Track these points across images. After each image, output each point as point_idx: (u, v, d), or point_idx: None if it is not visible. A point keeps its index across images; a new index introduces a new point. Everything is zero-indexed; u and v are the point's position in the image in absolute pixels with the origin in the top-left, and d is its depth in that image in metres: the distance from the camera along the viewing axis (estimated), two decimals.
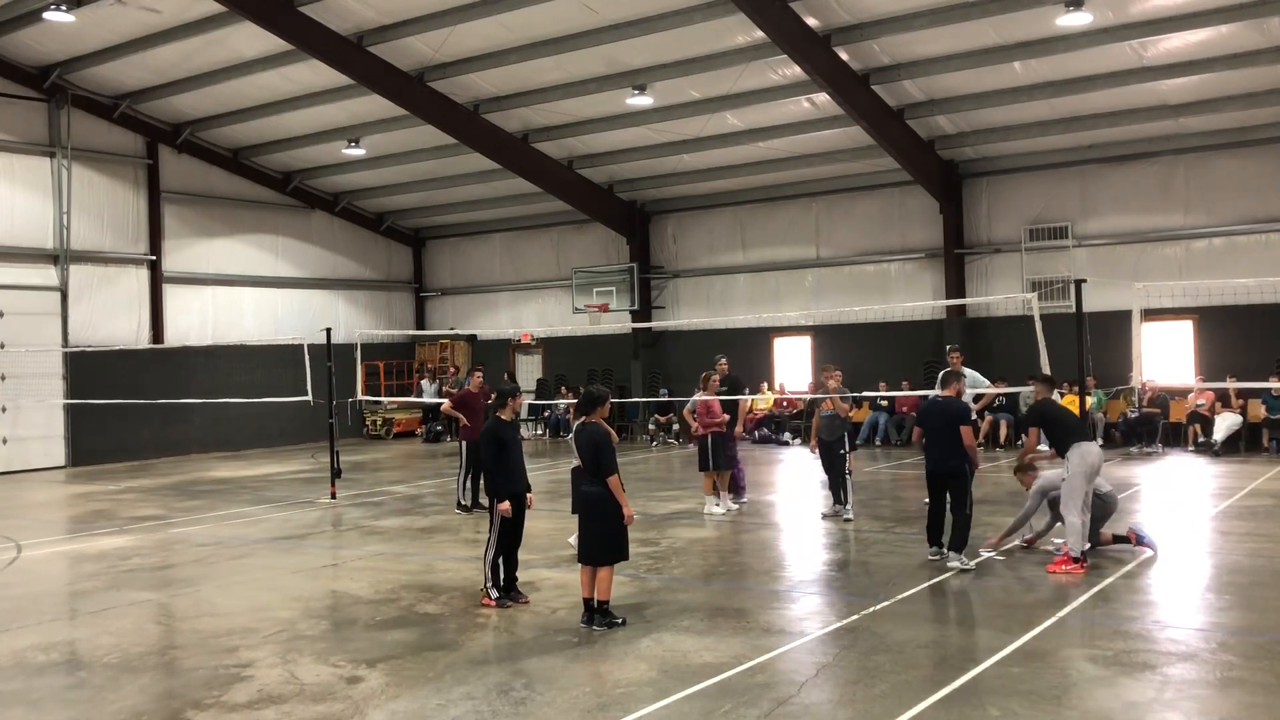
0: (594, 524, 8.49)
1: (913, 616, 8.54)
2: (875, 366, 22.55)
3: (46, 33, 20.90)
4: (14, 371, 22.60)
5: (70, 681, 7.49)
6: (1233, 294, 19.20)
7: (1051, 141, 21.51)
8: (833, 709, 6.42)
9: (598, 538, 8.45)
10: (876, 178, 23.55)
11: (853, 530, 12.70)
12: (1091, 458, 10.18)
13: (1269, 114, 19.37)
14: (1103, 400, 20.64)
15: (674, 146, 23.62)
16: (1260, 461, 18.37)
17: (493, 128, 23.29)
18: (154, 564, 11.75)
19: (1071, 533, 10.00)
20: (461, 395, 15.39)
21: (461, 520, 14.11)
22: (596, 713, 6.46)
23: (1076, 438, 10.26)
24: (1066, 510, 10.13)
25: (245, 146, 26.42)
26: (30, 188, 23.28)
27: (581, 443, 8.58)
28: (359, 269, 29.97)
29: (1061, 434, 10.34)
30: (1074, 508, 10.03)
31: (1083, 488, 10.06)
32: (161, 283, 25.30)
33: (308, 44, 19.75)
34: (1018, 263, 22.43)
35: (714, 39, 19.04)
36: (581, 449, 8.57)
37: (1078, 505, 10.02)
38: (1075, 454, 10.15)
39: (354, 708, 6.66)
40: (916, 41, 18.47)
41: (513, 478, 9.23)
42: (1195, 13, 16.74)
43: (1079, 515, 9.99)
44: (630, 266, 26.55)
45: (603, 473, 8.41)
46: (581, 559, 8.59)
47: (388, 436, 28.43)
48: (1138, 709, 6.35)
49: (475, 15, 18.88)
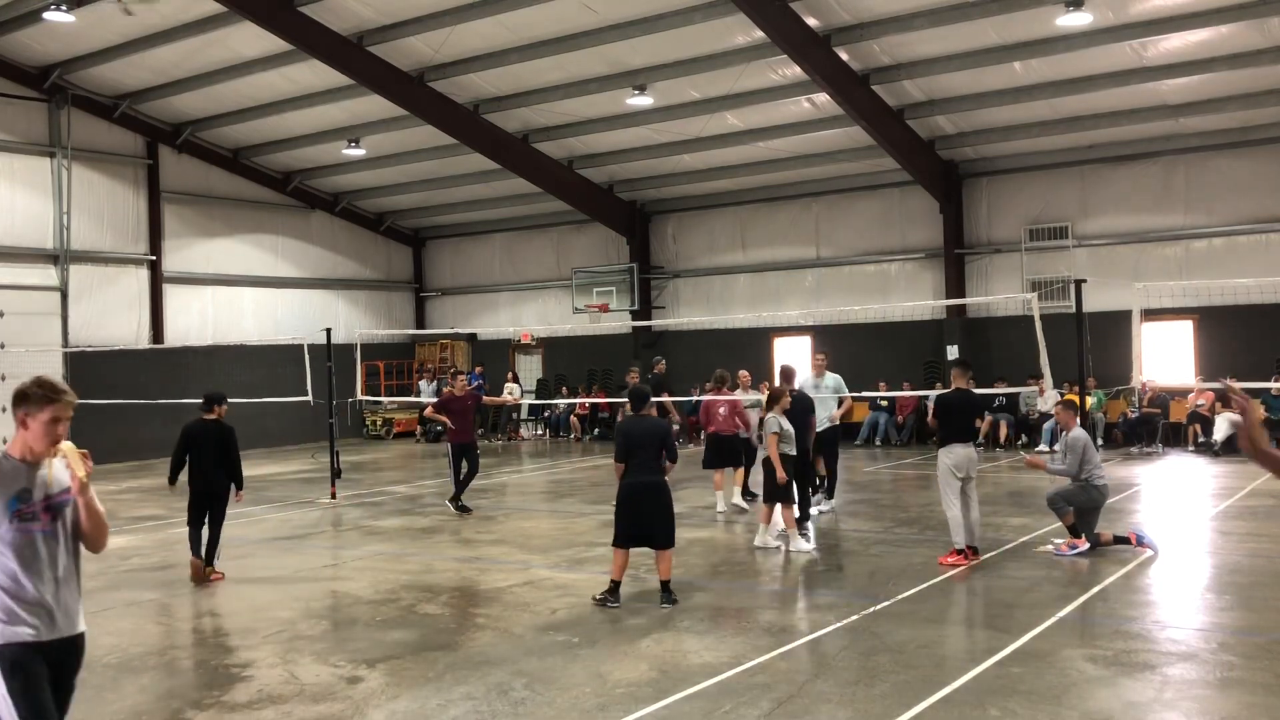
0: (660, 510, 9.08)
1: (913, 616, 8.54)
2: (875, 366, 22.54)
3: (46, 33, 20.90)
4: (14, 371, 22.52)
5: None
6: (1233, 294, 19.19)
7: (1051, 141, 21.51)
8: (833, 709, 6.42)
9: (663, 523, 9.10)
10: (876, 178, 23.55)
11: (853, 530, 12.70)
12: (953, 457, 10.71)
13: (1269, 114, 19.37)
14: (1103, 400, 20.64)
15: (674, 146, 23.62)
16: None
17: (493, 128, 23.29)
18: (154, 564, 11.75)
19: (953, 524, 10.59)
20: (445, 398, 15.36)
21: (460, 520, 14.11)
22: (596, 713, 6.46)
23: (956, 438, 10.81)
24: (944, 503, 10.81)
25: (245, 146, 26.42)
26: (30, 188, 23.28)
27: (638, 435, 9.15)
28: (359, 269, 29.97)
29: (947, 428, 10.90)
30: (944, 502, 10.76)
31: (951, 482, 10.66)
32: (161, 283, 25.30)
33: (308, 44, 19.75)
34: (1018, 263, 22.43)
35: (714, 39, 19.04)
36: (640, 441, 9.11)
37: (946, 499, 10.71)
38: (943, 451, 10.81)
39: (354, 708, 6.66)
40: (916, 41, 18.47)
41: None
42: (1195, 13, 16.74)
43: (949, 508, 10.65)
44: (630, 266, 26.55)
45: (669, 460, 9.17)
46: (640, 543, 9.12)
47: (388, 437, 28.43)
48: (1138, 709, 6.35)
49: (475, 15, 18.88)
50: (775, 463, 11.13)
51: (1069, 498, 10.79)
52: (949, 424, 10.93)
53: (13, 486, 4.27)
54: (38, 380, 4.36)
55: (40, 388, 4.32)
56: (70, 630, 4.40)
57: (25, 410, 4.32)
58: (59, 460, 4.39)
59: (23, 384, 4.37)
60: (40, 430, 4.29)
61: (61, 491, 4.37)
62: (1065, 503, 10.79)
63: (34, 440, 4.31)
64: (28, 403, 4.31)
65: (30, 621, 4.24)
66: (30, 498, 4.28)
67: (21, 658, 4.22)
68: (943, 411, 11.04)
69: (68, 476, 4.37)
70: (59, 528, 4.37)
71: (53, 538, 4.33)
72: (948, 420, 10.95)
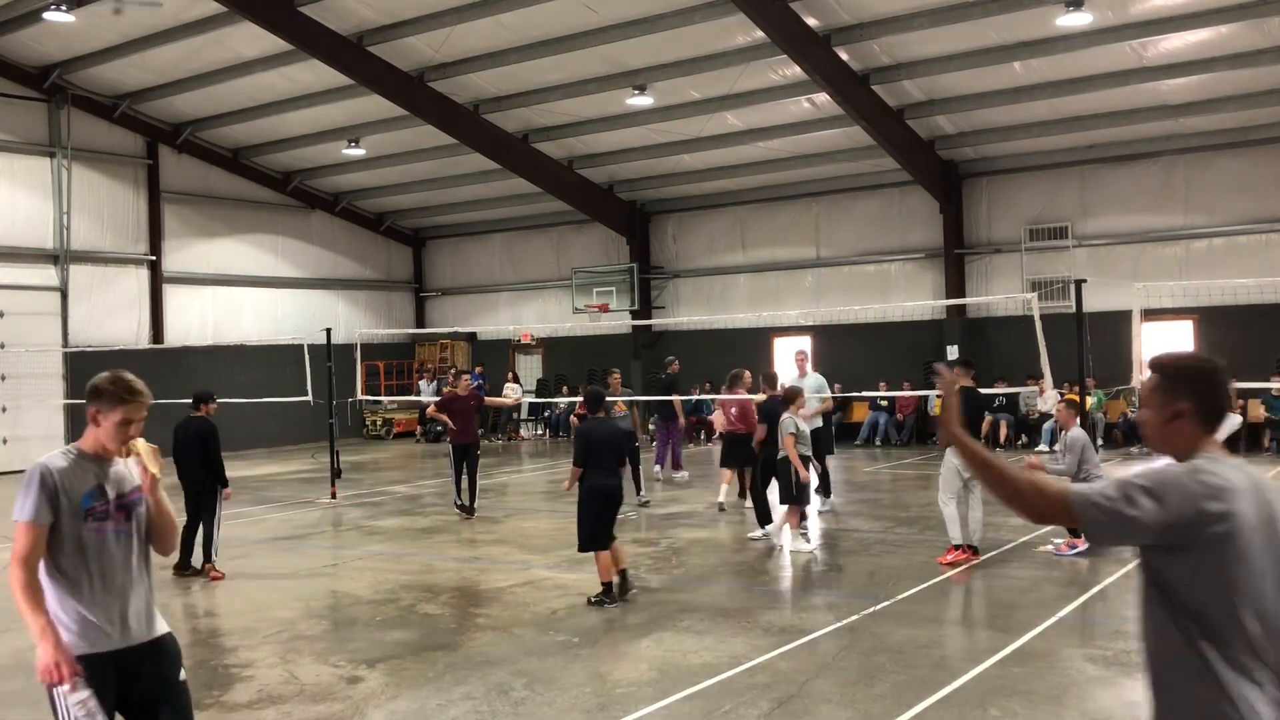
0: (617, 512, 9.27)
1: (913, 616, 8.53)
2: (875, 366, 22.56)
3: (46, 33, 20.90)
4: (14, 371, 22.60)
5: None
6: (1233, 294, 19.18)
7: (1051, 141, 21.51)
8: (833, 709, 6.42)
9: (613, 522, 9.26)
10: (876, 178, 23.55)
11: (853, 530, 12.70)
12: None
13: (1269, 114, 19.37)
14: (1103, 400, 20.64)
15: (674, 146, 23.62)
16: (1260, 461, 18.36)
17: (493, 128, 23.29)
18: (154, 564, 11.72)
19: (948, 521, 10.68)
20: (447, 398, 15.34)
21: (461, 520, 14.10)
22: (596, 713, 6.45)
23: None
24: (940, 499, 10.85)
25: (245, 146, 26.42)
26: (30, 188, 23.28)
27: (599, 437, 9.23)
28: (359, 269, 29.97)
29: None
30: (941, 499, 10.82)
31: (953, 480, 10.71)
32: (161, 283, 25.31)
33: (308, 44, 19.75)
34: (1018, 263, 22.43)
35: (714, 39, 19.04)
36: (601, 444, 9.19)
37: (943, 495, 10.77)
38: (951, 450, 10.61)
39: (354, 708, 6.66)
40: (916, 41, 18.47)
41: None
42: (1195, 13, 16.73)
43: (945, 505, 10.71)
44: (630, 266, 26.55)
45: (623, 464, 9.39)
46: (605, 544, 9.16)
47: (388, 437, 28.43)
48: (1138, 709, 6.32)
49: (475, 15, 18.88)
50: (795, 463, 11.11)
51: None
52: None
53: (84, 483, 4.05)
54: (113, 377, 4.13)
55: (114, 385, 4.10)
56: (146, 635, 4.15)
57: (97, 407, 4.09)
58: (131, 457, 4.22)
59: (98, 378, 4.13)
60: (111, 430, 4.09)
61: (134, 489, 4.19)
62: None
63: (105, 439, 4.11)
64: (100, 400, 4.09)
65: (102, 629, 4.02)
66: (103, 495, 4.07)
67: (86, 669, 3.98)
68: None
69: (140, 474, 4.21)
70: (132, 527, 4.17)
71: (126, 538, 4.11)
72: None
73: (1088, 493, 2.80)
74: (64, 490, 3.98)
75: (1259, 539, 2.76)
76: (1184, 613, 2.75)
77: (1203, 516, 2.71)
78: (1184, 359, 3.03)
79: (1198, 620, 2.74)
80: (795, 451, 11.14)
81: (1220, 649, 2.72)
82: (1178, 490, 2.75)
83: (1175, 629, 2.77)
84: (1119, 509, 2.74)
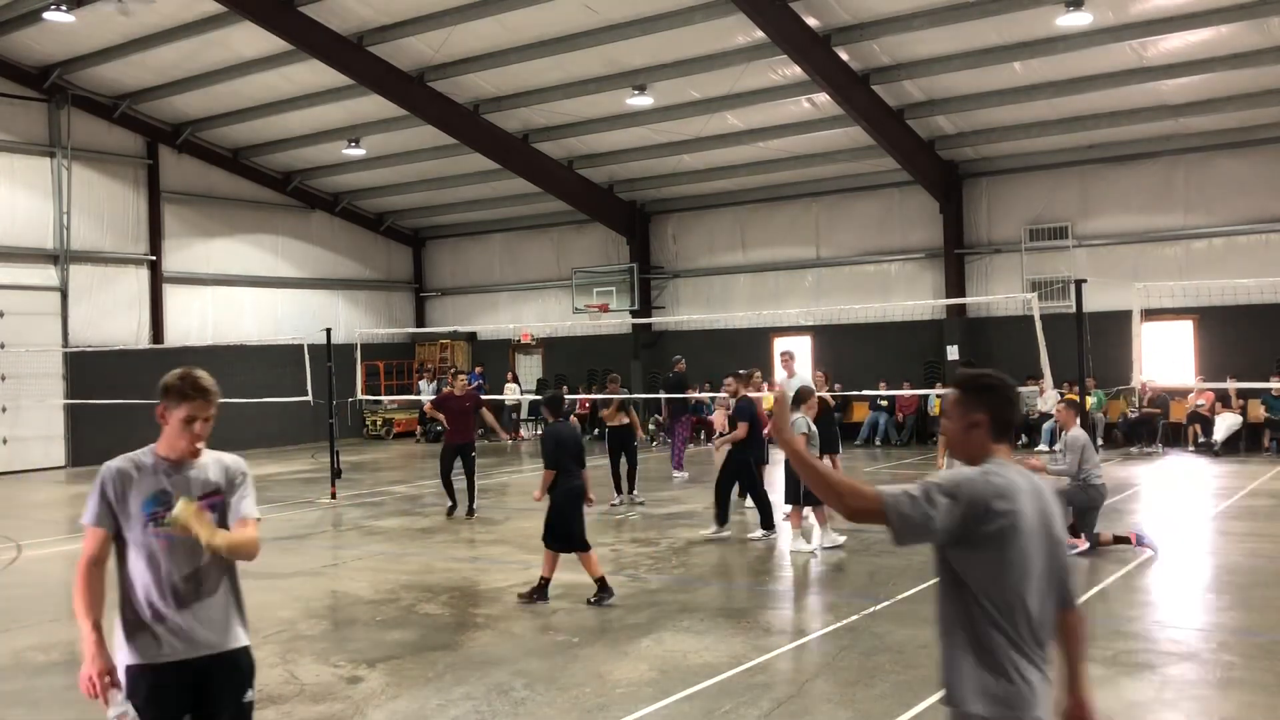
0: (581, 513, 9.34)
1: (913, 616, 8.53)
2: (875, 366, 22.55)
3: (46, 33, 20.90)
4: (14, 371, 22.60)
5: (70, 681, 7.44)
6: (1233, 294, 19.18)
7: (1051, 141, 21.51)
8: (833, 709, 6.42)
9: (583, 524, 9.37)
10: (876, 178, 23.54)
11: (853, 530, 12.68)
12: None
13: (1269, 114, 19.36)
14: (1103, 400, 20.64)
15: (674, 146, 23.61)
16: (1260, 461, 18.37)
17: (493, 128, 23.28)
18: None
19: None
20: (442, 397, 15.30)
21: (461, 520, 14.10)
22: (596, 713, 6.45)
23: None
24: None
25: (245, 146, 26.42)
26: (30, 188, 23.28)
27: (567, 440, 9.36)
28: (359, 269, 29.97)
29: None
30: None
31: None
32: (161, 283, 25.31)
33: (308, 44, 19.75)
34: (1018, 263, 22.42)
35: (714, 39, 19.04)
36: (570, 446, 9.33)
37: None
38: None
39: (354, 708, 6.66)
40: (916, 41, 18.46)
41: None
42: (1195, 13, 16.73)
43: None
44: (630, 266, 26.56)
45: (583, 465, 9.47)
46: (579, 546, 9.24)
47: (388, 437, 28.42)
48: (1138, 709, 6.35)
49: (475, 15, 18.88)
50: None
51: (1068, 497, 10.78)
52: None
53: (149, 487, 3.88)
54: (182, 373, 3.96)
55: (181, 381, 3.92)
56: (218, 646, 3.92)
57: (165, 404, 3.92)
58: (207, 458, 4.01)
59: (169, 375, 3.96)
60: (177, 428, 3.90)
61: (208, 494, 3.94)
62: (1064, 502, 10.78)
63: (172, 437, 3.92)
64: (167, 396, 3.91)
65: (165, 638, 3.83)
66: (169, 500, 3.86)
67: (156, 681, 3.82)
68: None
69: (215, 475, 3.99)
70: None
71: (194, 544, 3.85)
72: None
73: (896, 494, 3.12)
74: (124, 495, 3.86)
75: (1036, 533, 3.18)
76: (971, 597, 3.15)
77: (990, 513, 3.10)
78: (981, 377, 3.41)
79: (982, 604, 3.13)
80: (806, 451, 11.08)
81: (1001, 629, 3.12)
82: (970, 490, 3.13)
83: (963, 612, 3.16)
84: (921, 509, 3.09)
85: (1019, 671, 3.12)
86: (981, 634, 3.14)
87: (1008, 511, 3.12)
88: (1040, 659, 3.18)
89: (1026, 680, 3.12)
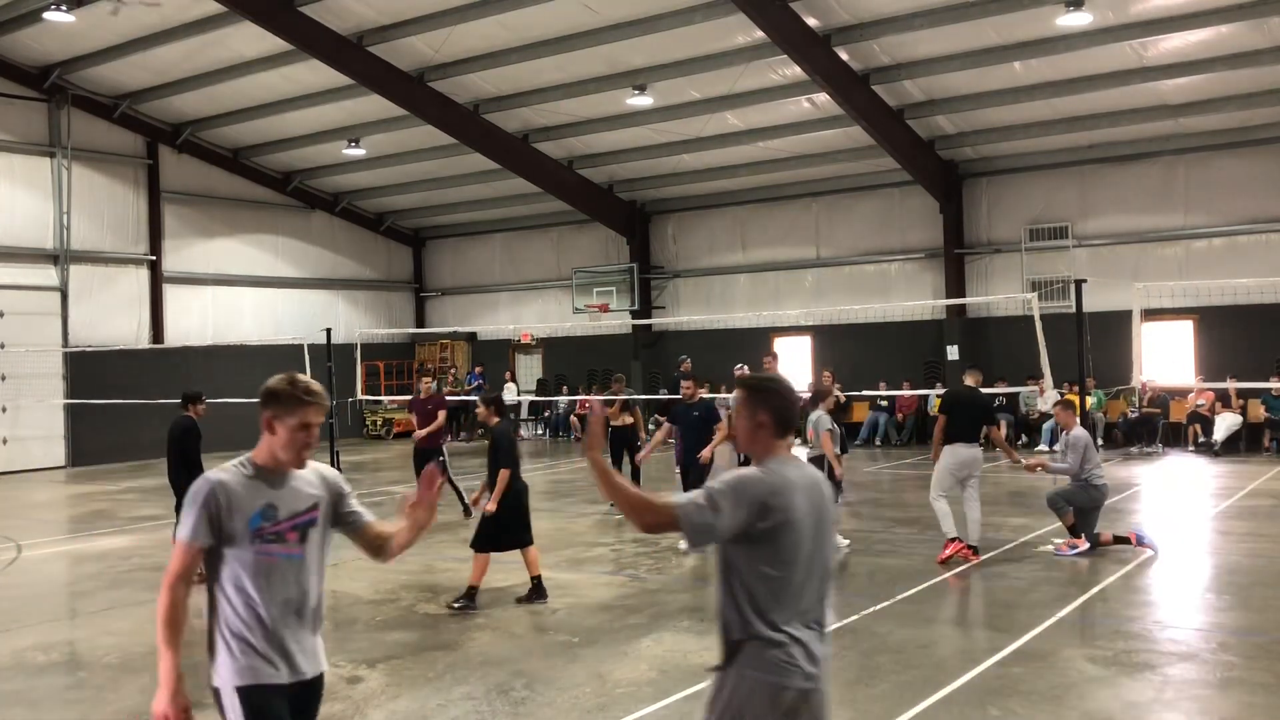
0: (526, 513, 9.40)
1: (913, 616, 8.54)
2: (875, 366, 22.55)
3: (46, 33, 20.90)
4: (14, 371, 22.60)
5: (70, 681, 7.49)
6: (1233, 294, 19.19)
7: (1051, 141, 21.51)
8: (833, 709, 6.40)
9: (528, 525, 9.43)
10: (876, 178, 23.54)
11: (853, 530, 12.68)
12: (957, 458, 10.74)
13: (1269, 114, 19.36)
14: (1103, 400, 20.64)
15: (674, 146, 23.62)
16: (1260, 461, 18.37)
17: (493, 128, 23.29)
18: (154, 564, 11.75)
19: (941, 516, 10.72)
20: (410, 401, 15.17)
21: (460, 520, 14.08)
22: (596, 713, 6.45)
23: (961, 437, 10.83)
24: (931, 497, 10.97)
25: (245, 146, 26.42)
26: (30, 188, 23.29)
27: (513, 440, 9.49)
28: (359, 269, 29.97)
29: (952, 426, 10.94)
30: (932, 494, 10.88)
31: (944, 479, 10.78)
32: (161, 283, 25.31)
33: (308, 44, 19.75)
34: (1018, 263, 22.42)
35: (714, 39, 19.04)
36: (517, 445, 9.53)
37: (934, 491, 10.85)
38: (948, 450, 10.81)
39: (354, 708, 6.66)
40: (916, 41, 18.47)
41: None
42: (1195, 13, 16.73)
43: (935, 501, 10.80)
44: (630, 266, 26.56)
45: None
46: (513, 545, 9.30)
47: (388, 436, 28.42)
48: (1138, 709, 6.35)
49: (475, 15, 18.88)
50: (833, 461, 11.11)
51: (1069, 497, 10.79)
52: (954, 420, 10.90)
53: (255, 501, 3.65)
54: (290, 378, 3.75)
55: (292, 387, 3.70)
56: (313, 671, 3.75)
57: (273, 411, 3.70)
58: (308, 470, 3.79)
59: (273, 381, 3.74)
60: (288, 437, 3.68)
61: (310, 508, 3.76)
62: (1065, 502, 10.79)
63: (280, 448, 3.70)
64: (277, 403, 3.69)
65: (269, 661, 3.63)
66: (275, 515, 3.66)
67: (264, 702, 3.62)
68: (949, 406, 11.01)
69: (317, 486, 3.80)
70: (306, 550, 3.74)
71: (299, 562, 3.69)
72: (953, 416, 10.92)
73: (686, 503, 3.41)
74: (231, 509, 3.62)
75: (809, 526, 3.50)
76: (745, 585, 3.45)
77: (767, 509, 3.42)
78: (764, 380, 3.72)
79: (758, 590, 3.44)
80: (832, 448, 11.14)
81: (775, 614, 3.44)
82: (749, 489, 3.44)
83: (743, 600, 3.46)
84: (706, 516, 3.38)
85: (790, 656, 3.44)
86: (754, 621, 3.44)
87: (783, 506, 3.44)
88: (814, 640, 3.52)
89: (795, 664, 3.45)
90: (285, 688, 3.65)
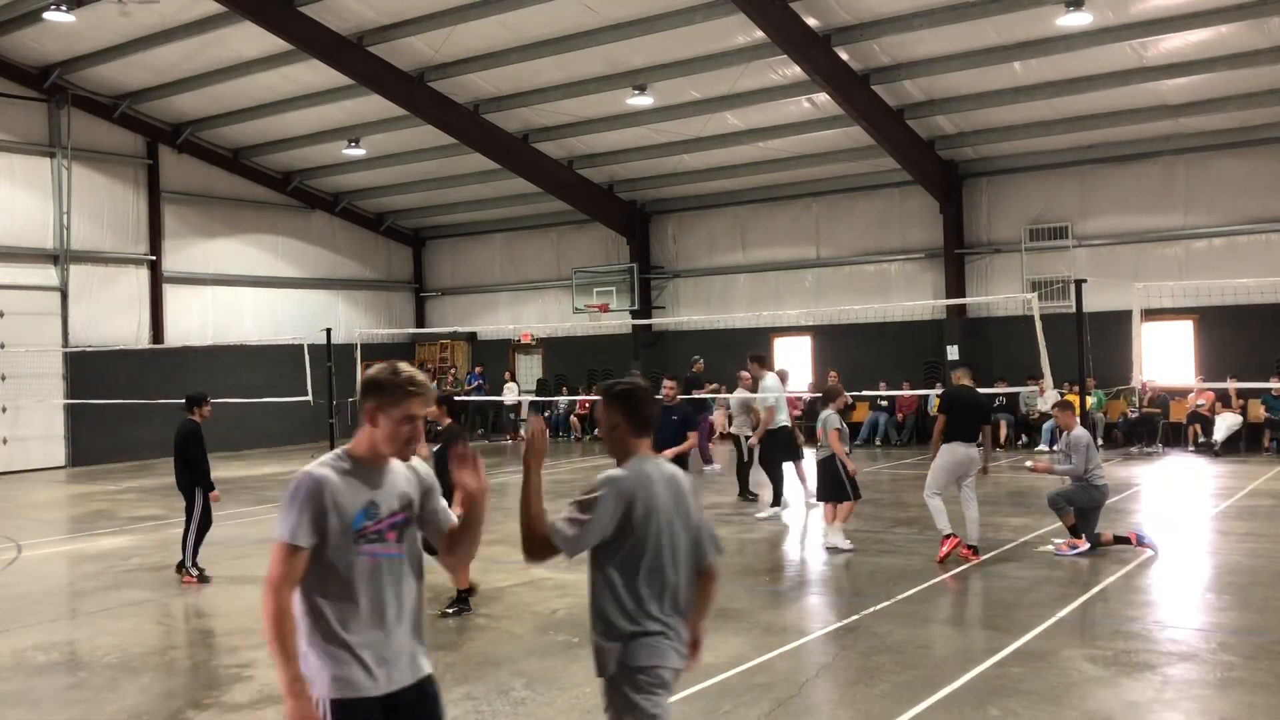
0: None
1: (913, 616, 8.54)
2: (875, 366, 22.55)
3: (46, 33, 20.90)
4: (14, 371, 22.60)
5: (70, 681, 7.49)
6: (1233, 294, 19.20)
7: (1051, 141, 21.51)
8: (833, 709, 6.42)
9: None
10: (876, 178, 23.54)
11: (853, 530, 12.68)
12: (954, 457, 10.74)
13: (1269, 114, 19.36)
14: (1103, 400, 20.64)
15: (674, 146, 23.62)
16: (1260, 461, 18.37)
17: (493, 128, 23.28)
18: (154, 564, 11.74)
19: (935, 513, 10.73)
20: None
21: None
22: (597, 713, 6.41)
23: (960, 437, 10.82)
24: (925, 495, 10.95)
25: (245, 146, 26.42)
26: (30, 188, 23.28)
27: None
28: (359, 269, 29.96)
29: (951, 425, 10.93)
30: (926, 492, 10.87)
31: (940, 478, 10.77)
32: (161, 283, 25.30)
33: (308, 44, 19.75)
34: (1018, 263, 22.42)
35: (714, 39, 19.04)
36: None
37: (929, 489, 10.81)
38: (946, 449, 10.82)
39: None
40: (916, 41, 18.46)
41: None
42: (1195, 13, 16.73)
43: (929, 499, 10.76)
44: (630, 266, 26.56)
45: None
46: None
47: None
48: (1138, 709, 6.35)
49: (475, 15, 18.88)
50: (843, 459, 11.11)
51: (1070, 497, 10.79)
52: (953, 420, 10.89)
53: (358, 499, 3.43)
54: (393, 368, 3.54)
55: (397, 377, 3.49)
56: (414, 676, 3.53)
57: (377, 403, 3.48)
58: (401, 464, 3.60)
59: (376, 371, 3.55)
60: (391, 429, 3.47)
61: (405, 506, 3.55)
62: (1066, 502, 10.79)
63: (382, 441, 3.49)
64: (380, 394, 3.48)
65: (369, 671, 3.41)
66: (377, 513, 3.46)
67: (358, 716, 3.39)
68: (949, 405, 11.02)
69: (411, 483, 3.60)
70: (404, 549, 3.54)
71: (399, 563, 3.50)
72: (952, 416, 10.91)
73: (557, 522, 3.75)
74: (335, 507, 3.39)
75: (672, 516, 3.84)
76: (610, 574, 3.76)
77: (631, 504, 3.73)
78: (620, 385, 3.96)
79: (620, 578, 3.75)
80: (841, 447, 11.14)
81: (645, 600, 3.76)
82: (613, 490, 3.75)
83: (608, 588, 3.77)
84: (574, 529, 3.72)
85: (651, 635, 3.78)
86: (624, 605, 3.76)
87: (644, 499, 3.74)
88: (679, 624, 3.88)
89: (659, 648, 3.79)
90: (379, 700, 3.42)
